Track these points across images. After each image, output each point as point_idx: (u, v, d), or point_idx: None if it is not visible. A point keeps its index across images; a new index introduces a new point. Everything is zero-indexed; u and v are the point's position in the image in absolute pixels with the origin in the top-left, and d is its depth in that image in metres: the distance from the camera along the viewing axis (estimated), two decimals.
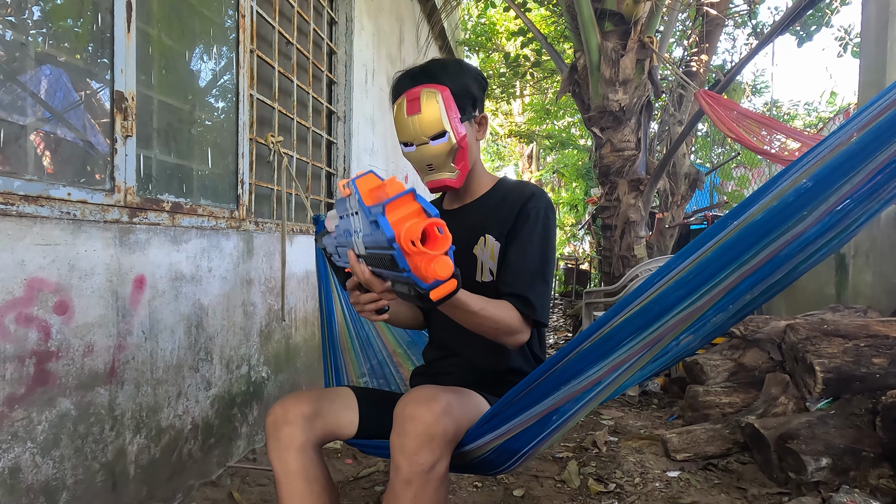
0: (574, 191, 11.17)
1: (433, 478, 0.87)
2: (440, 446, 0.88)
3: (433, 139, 1.04)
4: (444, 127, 1.04)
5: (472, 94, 1.09)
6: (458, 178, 1.10)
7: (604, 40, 4.05)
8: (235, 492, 1.74)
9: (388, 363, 1.59)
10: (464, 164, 1.09)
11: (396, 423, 0.90)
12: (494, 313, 0.96)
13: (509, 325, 0.99)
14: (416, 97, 1.04)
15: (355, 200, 0.74)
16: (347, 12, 3.09)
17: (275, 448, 1.03)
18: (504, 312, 0.99)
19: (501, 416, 0.95)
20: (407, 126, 1.06)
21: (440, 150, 1.05)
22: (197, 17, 1.86)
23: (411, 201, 0.69)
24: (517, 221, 1.08)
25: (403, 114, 1.06)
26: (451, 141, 1.05)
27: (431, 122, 1.03)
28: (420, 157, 1.07)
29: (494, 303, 0.98)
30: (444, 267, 0.68)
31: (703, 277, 0.73)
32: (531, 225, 1.07)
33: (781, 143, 3.58)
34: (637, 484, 1.85)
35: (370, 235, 0.72)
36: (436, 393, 0.92)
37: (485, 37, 8.86)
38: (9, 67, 1.25)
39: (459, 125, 1.06)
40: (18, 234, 1.15)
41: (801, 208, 0.66)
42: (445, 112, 1.04)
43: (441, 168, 1.08)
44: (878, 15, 2.94)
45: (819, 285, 3.15)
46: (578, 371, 0.85)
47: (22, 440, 1.17)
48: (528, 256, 1.05)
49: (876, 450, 1.68)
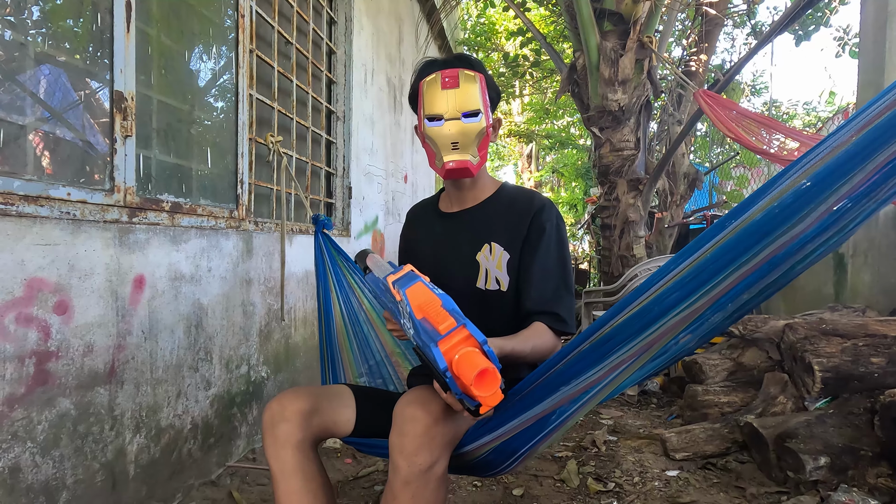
0: (573, 190, 11.18)
1: (432, 478, 0.88)
2: (439, 447, 0.88)
3: (466, 116, 1.04)
4: (479, 106, 1.04)
5: (497, 93, 1.13)
6: (476, 166, 1.09)
7: (603, 40, 4.05)
8: (235, 491, 1.74)
9: (386, 364, 1.59)
10: (484, 154, 1.10)
11: (396, 424, 0.90)
12: (538, 345, 1.00)
13: (549, 348, 1.03)
14: (455, 75, 1.04)
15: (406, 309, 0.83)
16: (347, 12, 3.09)
17: (271, 445, 1.03)
18: (542, 337, 1.02)
19: (500, 417, 0.95)
20: (441, 99, 1.04)
21: (471, 129, 1.04)
22: (196, 16, 1.86)
23: (462, 331, 0.78)
24: (532, 234, 1.09)
25: (437, 87, 1.04)
26: (483, 122, 1.05)
27: (469, 98, 1.04)
28: (448, 134, 1.05)
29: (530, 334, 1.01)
30: (494, 399, 0.75)
31: (702, 279, 0.73)
32: (548, 238, 1.09)
33: (780, 143, 3.59)
34: (636, 483, 1.86)
35: (422, 345, 0.80)
36: (435, 394, 0.92)
37: (484, 36, 8.86)
38: (8, 67, 1.25)
39: (489, 112, 1.07)
40: (18, 234, 1.15)
41: (801, 209, 0.66)
42: (481, 94, 1.05)
43: (466, 148, 1.06)
44: (877, 15, 2.94)
45: (817, 285, 3.16)
46: (577, 372, 0.85)
47: (22, 440, 1.17)
48: (551, 271, 1.07)
49: (874, 449, 1.68)
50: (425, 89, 1.07)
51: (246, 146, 2.05)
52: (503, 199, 1.16)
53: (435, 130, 1.06)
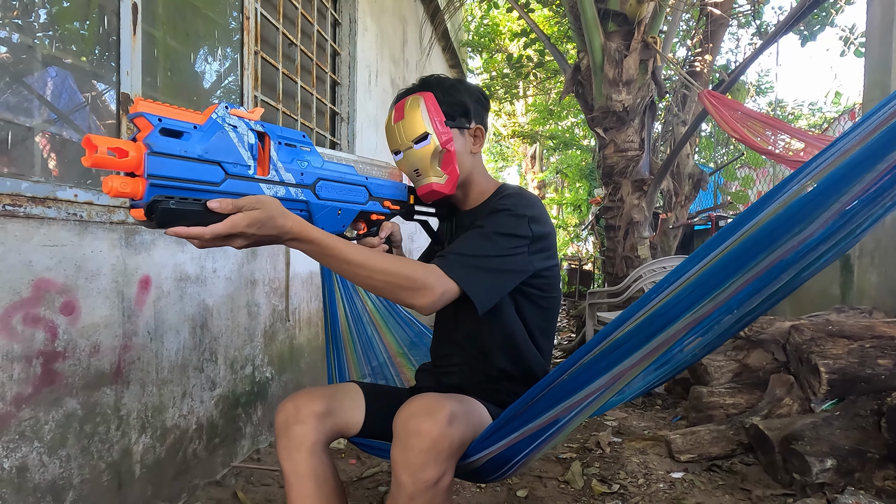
0: (577, 191, 11.16)
1: (439, 492, 0.85)
2: (446, 460, 0.85)
3: (416, 142, 1.06)
4: (425, 129, 1.04)
5: (463, 104, 1.08)
6: (447, 184, 1.07)
7: (607, 41, 4.05)
8: (240, 492, 1.74)
9: (389, 366, 1.59)
10: (452, 169, 1.07)
11: (399, 437, 0.86)
12: (385, 265, 0.88)
13: (408, 277, 0.89)
14: (401, 106, 1.07)
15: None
16: (351, 14, 3.10)
17: (285, 447, 1.01)
18: (401, 264, 0.90)
19: (506, 429, 0.93)
20: (393, 133, 1.09)
21: (424, 153, 1.05)
22: (201, 19, 1.87)
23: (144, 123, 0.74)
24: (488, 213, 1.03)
25: (391, 122, 1.09)
26: (434, 143, 1.04)
27: (413, 124, 1.05)
28: (407, 163, 1.08)
29: (385, 255, 0.92)
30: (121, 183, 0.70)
31: (711, 285, 0.72)
32: (492, 217, 1.01)
33: (785, 144, 3.57)
34: (641, 485, 1.85)
35: None
36: (440, 402, 0.89)
37: (488, 38, 8.86)
38: (16, 69, 1.26)
39: (444, 129, 1.05)
40: (26, 235, 1.16)
41: (809, 214, 0.65)
42: (428, 115, 1.04)
43: (427, 172, 1.07)
44: (883, 15, 2.93)
45: (824, 286, 3.14)
46: (582, 384, 0.84)
47: (29, 440, 1.18)
48: (475, 240, 0.98)
49: (881, 451, 1.67)
50: (385, 128, 1.12)
51: None
52: (496, 198, 1.16)
53: (398, 164, 1.11)
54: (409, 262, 0.93)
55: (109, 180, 0.70)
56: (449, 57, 6.79)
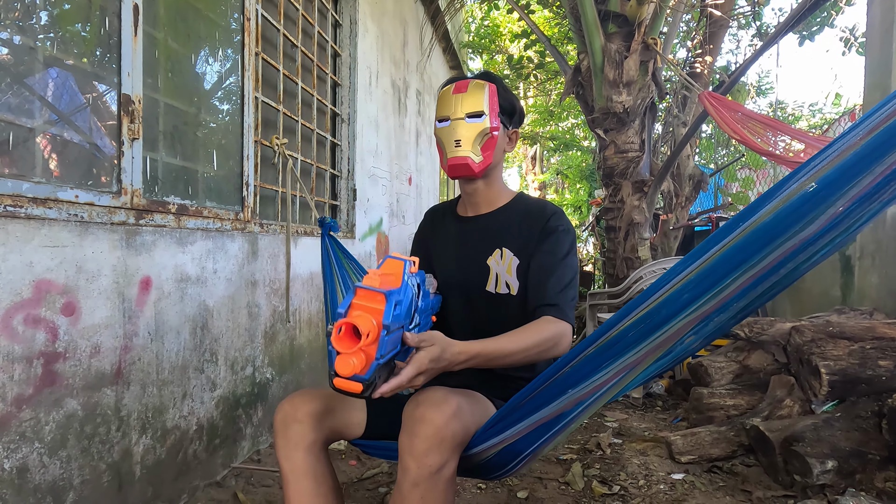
0: (578, 192, 11.17)
1: (441, 480, 0.88)
2: (449, 449, 0.88)
3: (469, 117, 1.11)
4: (483, 108, 1.11)
5: (514, 107, 1.18)
6: (479, 165, 1.13)
7: (607, 42, 4.05)
8: (240, 493, 1.74)
9: None
10: (489, 155, 1.14)
11: (406, 425, 0.90)
12: (533, 339, 0.98)
13: (550, 338, 1.01)
14: (466, 83, 1.15)
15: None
16: (351, 15, 3.10)
17: (283, 446, 1.03)
18: (542, 330, 1.01)
19: (507, 419, 0.95)
20: (449, 101, 1.14)
21: (473, 128, 1.11)
22: (203, 20, 1.88)
23: (378, 298, 0.75)
24: (541, 237, 1.13)
25: (449, 92, 1.15)
26: (486, 123, 1.11)
27: (473, 100, 1.12)
28: (451, 132, 1.12)
29: (525, 331, 1.00)
30: (343, 365, 0.73)
31: (711, 281, 0.73)
32: (556, 240, 1.11)
33: (786, 145, 3.57)
34: (641, 486, 1.85)
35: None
36: (446, 395, 0.93)
37: (488, 39, 8.88)
38: (17, 71, 1.26)
39: (496, 116, 1.13)
40: (26, 235, 1.16)
41: (809, 212, 0.66)
42: (488, 99, 1.12)
43: (467, 146, 1.12)
44: (883, 17, 2.93)
45: (824, 287, 3.14)
46: (584, 375, 0.86)
47: (30, 440, 1.17)
48: (557, 271, 1.09)
49: (882, 453, 1.67)
50: (440, 96, 1.17)
51: (251, 148, 2.06)
52: (518, 208, 1.19)
53: (441, 130, 1.15)
54: (539, 327, 1.02)
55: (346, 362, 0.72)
56: (449, 58, 6.80)
